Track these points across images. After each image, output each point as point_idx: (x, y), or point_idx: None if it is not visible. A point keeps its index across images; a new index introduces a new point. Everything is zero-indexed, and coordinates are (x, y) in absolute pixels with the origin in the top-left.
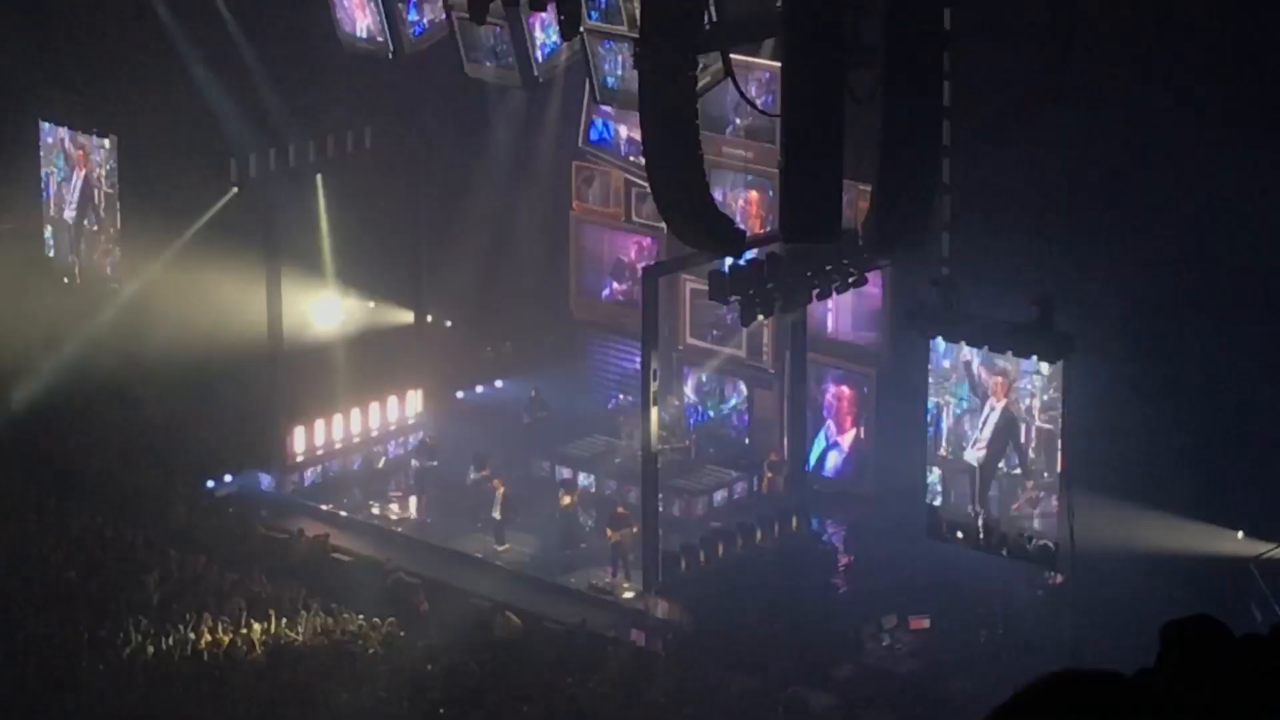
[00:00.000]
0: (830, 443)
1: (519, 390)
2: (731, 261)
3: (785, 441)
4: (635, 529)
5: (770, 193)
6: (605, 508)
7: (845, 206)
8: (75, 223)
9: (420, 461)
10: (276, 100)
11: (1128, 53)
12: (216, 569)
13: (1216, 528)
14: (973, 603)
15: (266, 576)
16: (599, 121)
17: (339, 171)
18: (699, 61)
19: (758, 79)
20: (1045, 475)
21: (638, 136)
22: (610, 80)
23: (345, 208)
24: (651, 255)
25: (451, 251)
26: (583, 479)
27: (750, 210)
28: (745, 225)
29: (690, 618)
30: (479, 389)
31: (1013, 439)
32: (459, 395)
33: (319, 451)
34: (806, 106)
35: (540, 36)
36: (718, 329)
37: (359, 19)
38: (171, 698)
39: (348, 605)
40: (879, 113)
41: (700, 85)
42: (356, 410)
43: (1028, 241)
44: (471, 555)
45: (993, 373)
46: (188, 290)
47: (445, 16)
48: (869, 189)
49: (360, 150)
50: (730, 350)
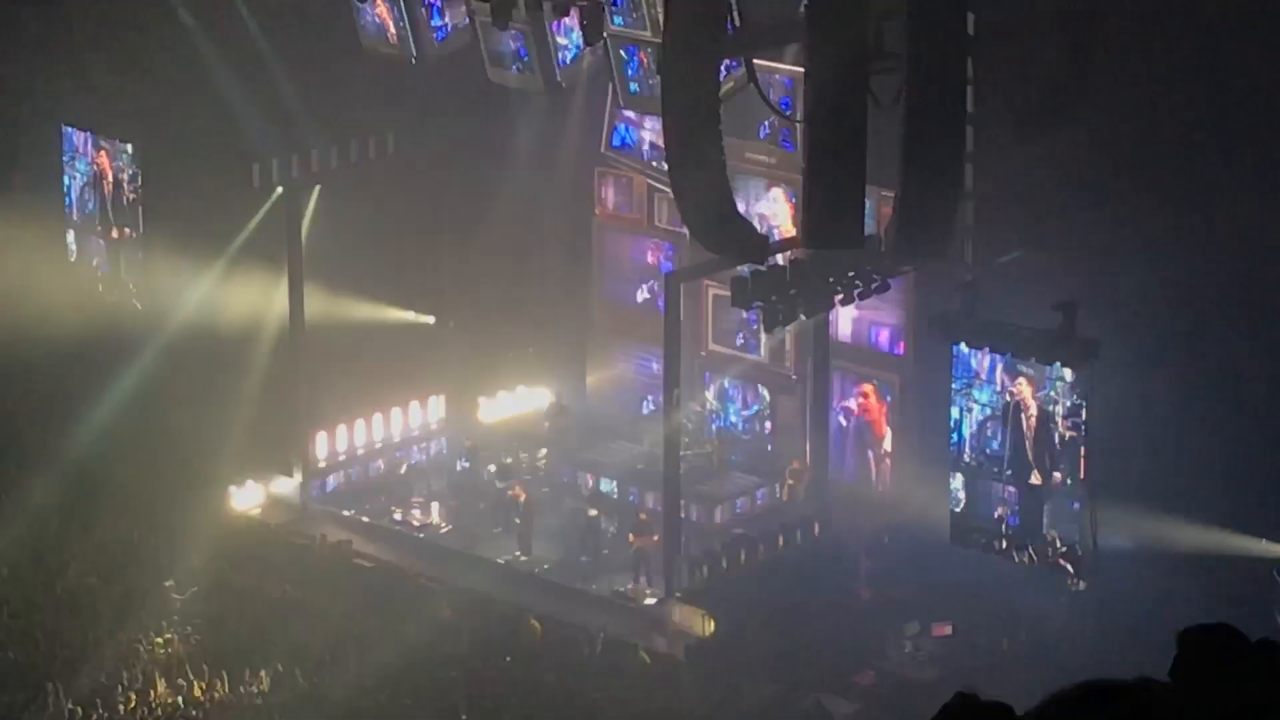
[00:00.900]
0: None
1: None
2: (754, 268)
3: (808, 448)
4: (657, 536)
5: (793, 198)
6: (627, 514)
7: (868, 213)
8: (98, 228)
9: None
10: (299, 105)
11: (1151, 56)
12: (238, 575)
13: (1240, 534)
14: (995, 609)
15: (289, 583)
16: (622, 127)
17: (362, 177)
18: (722, 67)
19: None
20: (1068, 481)
21: (660, 142)
22: (633, 85)
23: (368, 213)
24: (668, 260)
25: (473, 257)
26: (604, 485)
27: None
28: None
29: (712, 624)
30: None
31: (1036, 445)
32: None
33: (341, 457)
34: (829, 112)
35: (563, 41)
36: (743, 332)
37: (382, 23)
38: (193, 703)
39: (368, 611)
40: (902, 118)
41: (723, 91)
42: (379, 416)
43: (1051, 247)
44: (494, 561)
45: (1015, 379)
46: (211, 295)
47: (468, 21)
48: (892, 195)
49: (383, 155)
50: (753, 356)
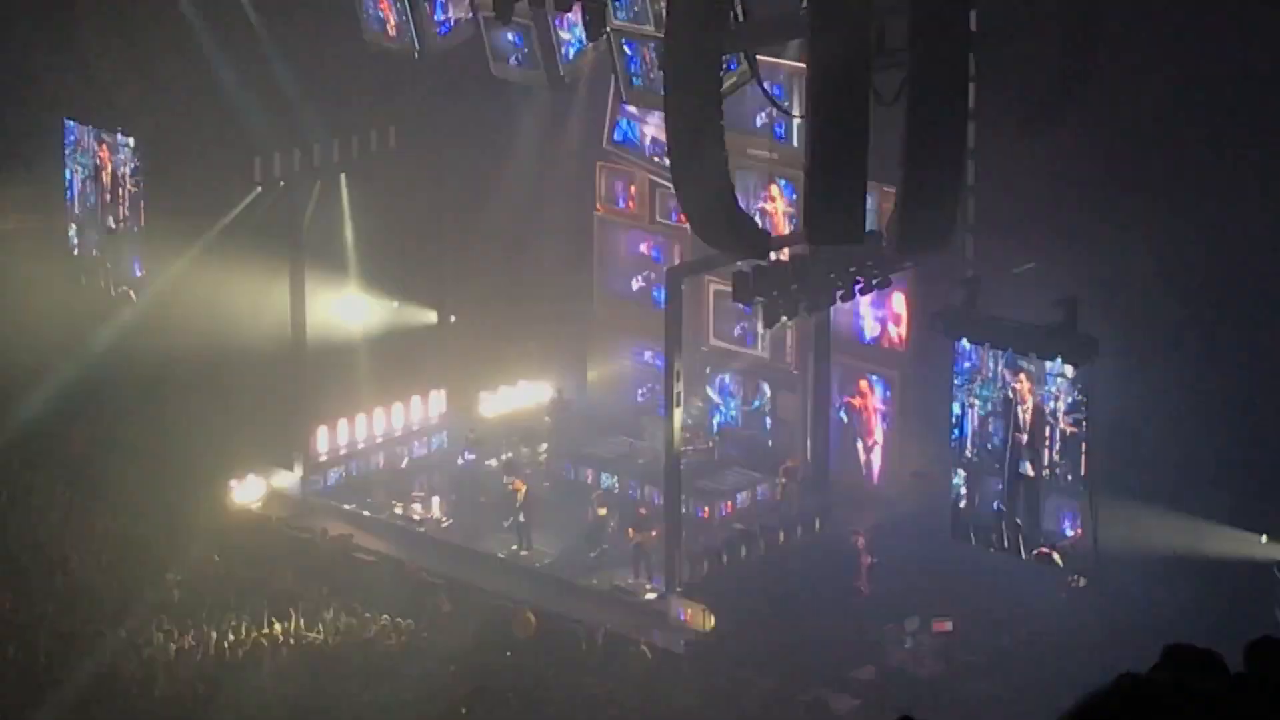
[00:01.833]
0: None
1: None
2: (755, 263)
3: (808, 443)
4: (656, 531)
5: (794, 194)
6: (628, 508)
7: (869, 209)
8: (99, 221)
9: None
10: (301, 99)
11: (1154, 53)
12: (238, 568)
13: (1240, 531)
14: (996, 605)
15: (289, 576)
16: (624, 122)
17: (363, 171)
18: (724, 62)
19: (780, 78)
20: (1069, 478)
21: (662, 137)
22: (636, 80)
23: (369, 207)
24: (664, 253)
25: (475, 251)
26: (605, 480)
27: (774, 211)
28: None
29: (712, 619)
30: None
31: (1036, 441)
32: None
33: (342, 451)
34: (832, 108)
35: (566, 36)
36: (743, 325)
37: (384, 17)
38: (194, 697)
39: (370, 606)
40: (904, 114)
41: (725, 86)
42: (380, 410)
43: (1053, 243)
44: (494, 556)
45: (1017, 374)
46: (211, 290)
47: (471, 16)
48: (894, 191)
49: (385, 150)
50: (754, 351)
